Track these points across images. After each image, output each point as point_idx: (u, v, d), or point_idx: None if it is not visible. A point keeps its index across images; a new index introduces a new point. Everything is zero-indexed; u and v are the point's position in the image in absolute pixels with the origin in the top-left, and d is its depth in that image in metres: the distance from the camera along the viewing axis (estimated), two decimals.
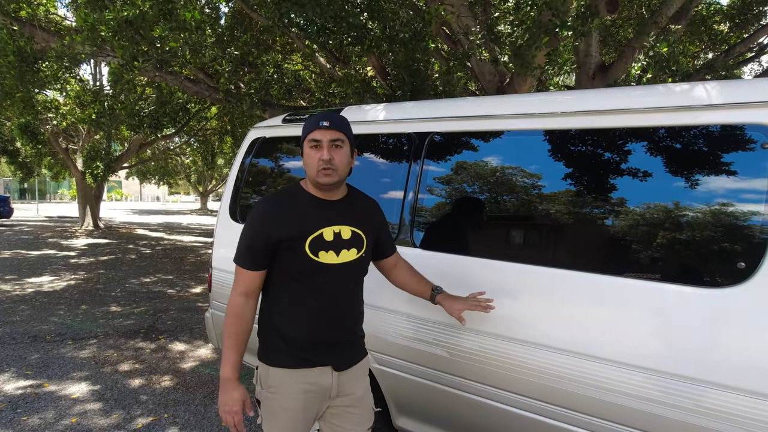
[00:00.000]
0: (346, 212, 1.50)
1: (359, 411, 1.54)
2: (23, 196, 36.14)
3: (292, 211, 1.45)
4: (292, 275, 1.45)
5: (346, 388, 1.51)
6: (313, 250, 1.42)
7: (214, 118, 12.07)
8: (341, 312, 1.49)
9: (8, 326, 4.72)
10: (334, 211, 1.48)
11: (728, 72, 5.85)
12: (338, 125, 1.43)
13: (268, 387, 1.47)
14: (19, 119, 10.38)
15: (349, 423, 1.53)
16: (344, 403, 1.52)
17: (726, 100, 1.45)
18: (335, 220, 1.47)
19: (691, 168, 1.50)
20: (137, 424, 2.88)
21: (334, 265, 1.45)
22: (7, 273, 7.46)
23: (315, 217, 1.45)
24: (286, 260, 1.43)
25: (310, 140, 1.43)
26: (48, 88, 7.13)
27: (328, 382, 1.48)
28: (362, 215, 1.54)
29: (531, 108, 1.84)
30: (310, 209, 1.46)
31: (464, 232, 2.01)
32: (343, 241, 1.47)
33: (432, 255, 1.95)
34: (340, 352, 1.50)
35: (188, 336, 4.61)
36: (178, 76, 6.04)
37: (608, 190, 1.63)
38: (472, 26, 4.74)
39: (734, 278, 1.37)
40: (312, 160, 1.42)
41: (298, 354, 1.45)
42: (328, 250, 1.44)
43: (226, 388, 1.42)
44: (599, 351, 1.53)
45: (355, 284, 1.54)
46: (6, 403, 3.09)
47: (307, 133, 1.43)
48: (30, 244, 11.07)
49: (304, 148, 1.45)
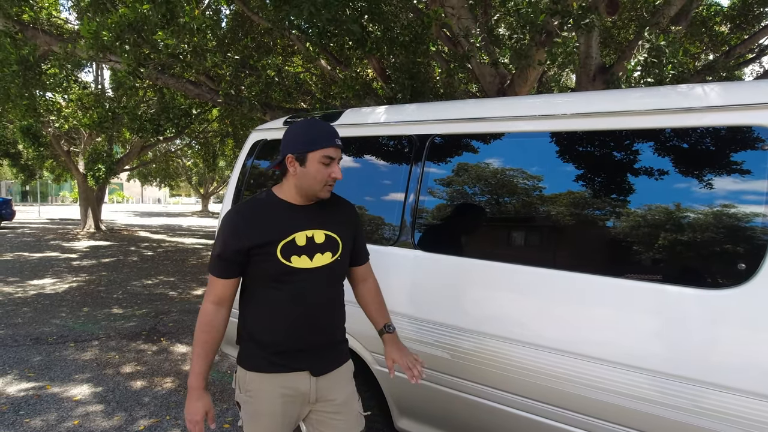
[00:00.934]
0: (319, 216, 1.49)
1: (344, 417, 1.52)
2: (25, 199, 36.23)
3: (262, 218, 1.44)
4: (265, 281, 1.44)
5: (327, 394, 1.50)
6: (284, 255, 1.41)
7: (216, 121, 12.09)
8: (316, 316, 1.47)
9: (11, 328, 4.73)
10: (306, 215, 1.47)
11: (729, 73, 5.85)
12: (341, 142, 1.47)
13: (246, 391, 1.47)
14: (21, 122, 10.42)
15: (335, 429, 1.51)
16: (326, 409, 1.50)
17: (727, 102, 1.46)
18: (308, 224, 1.46)
19: (693, 169, 1.50)
20: (139, 426, 2.88)
21: (307, 270, 1.43)
22: (10, 275, 7.48)
23: (286, 222, 1.44)
24: (258, 266, 1.43)
25: (324, 156, 1.40)
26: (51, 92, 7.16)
27: (305, 387, 1.47)
28: (338, 218, 1.53)
29: (532, 110, 1.85)
30: (282, 215, 1.45)
31: (465, 234, 2.02)
32: (317, 245, 1.45)
33: (433, 257, 1.96)
34: (317, 356, 1.49)
35: (190, 338, 4.61)
36: (179, 80, 6.06)
37: (609, 191, 1.64)
38: (473, 28, 4.75)
39: (735, 279, 1.37)
40: (321, 175, 1.41)
41: (273, 359, 1.44)
42: (301, 254, 1.43)
43: (192, 396, 1.42)
44: (600, 352, 1.53)
45: (332, 288, 1.52)
46: (8, 405, 3.10)
47: (320, 147, 1.40)
48: (32, 246, 11.10)
49: (310, 160, 1.41)
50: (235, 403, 1.59)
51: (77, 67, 5.96)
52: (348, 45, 4.64)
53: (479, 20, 4.99)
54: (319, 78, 7.85)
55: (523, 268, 1.73)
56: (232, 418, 3.02)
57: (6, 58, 5.65)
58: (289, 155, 1.43)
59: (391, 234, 2.09)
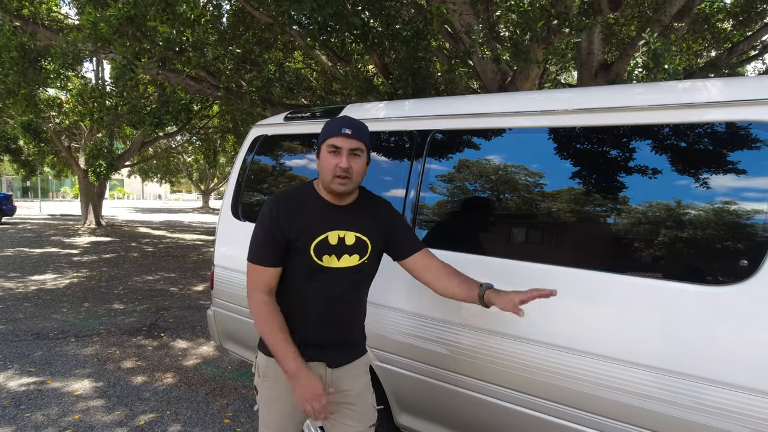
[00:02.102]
0: (353, 218, 1.50)
1: (358, 408, 1.56)
2: (26, 195, 36.26)
3: (301, 211, 1.46)
4: (293, 274, 1.47)
5: (342, 384, 1.53)
6: (317, 253, 1.44)
7: (216, 117, 12.08)
8: (336, 314, 1.49)
9: (12, 323, 4.74)
10: (341, 215, 1.48)
11: (731, 70, 5.83)
12: (359, 134, 1.42)
13: (265, 376, 1.51)
14: (22, 117, 10.41)
15: (349, 419, 1.55)
16: (341, 400, 1.54)
17: (730, 98, 1.45)
18: (341, 225, 1.47)
19: (694, 166, 1.49)
20: (140, 420, 2.89)
21: (333, 269, 1.46)
22: (11, 270, 7.49)
23: (322, 220, 1.46)
24: (291, 259, 1.45)
25: (329, 145, 1.41)
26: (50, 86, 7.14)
27: (320, 374, 1.50)
28: (370, 221, 1.53)
29: (533, 105, 1.84)
30: (319, 212, 1.47)
31: (466, 230, 2.01)
32: (346, 247, 1.47)
33: (434, 253, 1.95)
34: (334, 351, 1.52)
35: (190, 334, 4.62)
36: (180, 74, 6.05)
37: (610, 187, 1.63)
38: (474, 24, 4.73)
39: (736, 276, 1.36)
40: (329, 165, 1.41)
41: (299, 349, 1.46)
42: (331, 254, 1.45)
43: (300, 378, 1.39)
44: (600, 349, 1.53)
45: (354, 289, 1.53)
46: (10, 400, 3.11)
47: (328, 137, 1.42)
48: (33, 242, 11.11)
49: (322, 151, 1.44)
50: (253, 388, 1.63)
51: (77, 62, 5.93)
52: (349, 40, 4.63)
53: (481, 16, 4.97)
54: (320, 74, 7.83)
55: (523, 264, 1.72)
56: (232, 414, 3.03)
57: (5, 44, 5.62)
58: (316, 151, 1.49)
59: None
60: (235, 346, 2.84)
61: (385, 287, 2.05)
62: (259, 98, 5.50)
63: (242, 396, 3.29)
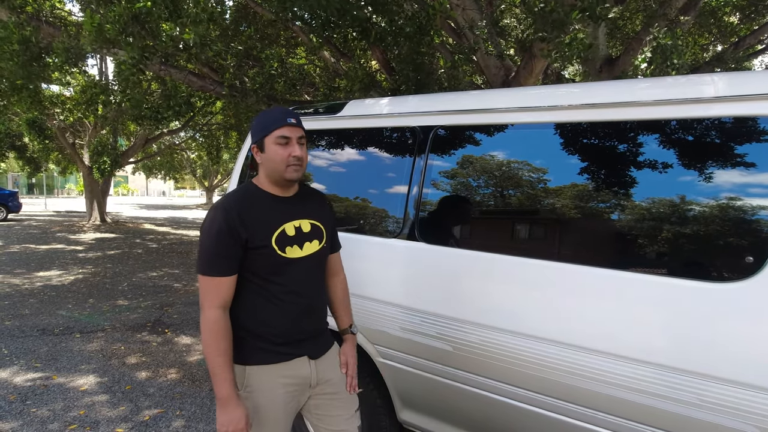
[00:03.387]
0: (302, 206, 1.53)
1: (342, 395, 1.58)
2: (31, 191, 36.46)
3: (252, 210, 1.43)
4: (259, 274, 1.43)
5: (325, 374, 1.55)
6: (280, 246, 1.43)
7: (219, 113, 12.09)
8: (311, 303, 1.51)
9: (18, 319, 4.78)
10: (290, 206, 1.50)
11: (738, 64, 5.77)
12: (300, 123, 1.47)
13: (245, 387, 1.44)
14: (27, 115, 10.45)
15: (335, 409, 1.56)
16: (324, 391, 1.55)
17: (736, 92, 1.43)
18: (294, 215, 1.49)
19: (700, 161, 1.48)
20: (144, 416, 2.91)
21: (300, 259, 1.47)
22: (16, 267, 7.54)
23: (274, 213, 1.46)
24: (253, 261, 1.41)
25: (278, 137, 1.42)
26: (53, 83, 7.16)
27: (306, 371, 1.50)
28: (318, 208, 1.58)
29: (537, 101, 1.83)
30: (269, 206, 1.46)
31: (469, 227, 2.00)
32: (305, 234, 1.49)
33: (436, 249, 1.95)
34: (313, 342, 1.54)
35: (194, 330, 4.64)
36: (183, 71, 6.04)
37: (615, 183, 1.62)
38: (478, 20, 4.70)
39: (742, 273, 1.35)
40: (280, 156, 1.42)
41: (275, 349, 1.45)
42: (293, 244, 1.46)
43: (228, 406, 1.35)
44: (604, 346, 1.52)
45: (320, 275, 1.58)
46: (16, 395, 3.13)
47: (273, 129, 1.42)
48: (38, 238, 11.18)
49: (267, 144, 1.44)
50: None
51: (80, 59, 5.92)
52: (352, 36, 4.61)
53: (484, 11, 4.93)
54: (323, 70, 7.81)
55: (527, 261, 1.71)
56: None
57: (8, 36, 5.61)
58: (253, 146, 1.48)
59: (394, 226, 2.08)
60: None
61: (387, 283, 2.05)
62: (262, 94, 5.49)
63: None
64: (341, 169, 2.36)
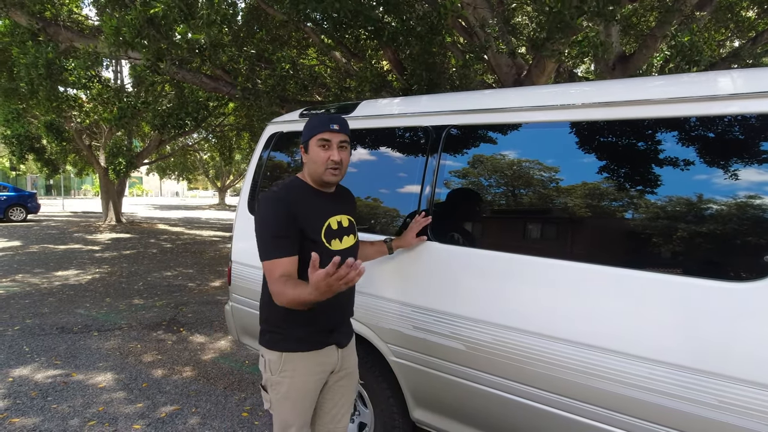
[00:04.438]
0: (341, 203, 1.66)
1: (348, 382, 1.72)
2: (49, 192, 37.21)
3: (303, 202, 1.53)
4: (302, 267, 1.48)
5: (345, 363, 1.69)
6: (327, 239, 1.55)
7: (232, 114, 12.20)
8: (346, 296, 1.65)
9: (38, 318, 4.89)
10: (332, 203, 1.62)
11: (755, 60, 5.66)
12: (345, 129, 1.57)
13: (281, 372, 1.55)
14: (45, 117, 10.68)
15: (348, 393, 1.71)
16: (340, 377, 1.68)
17: (754, 89, 1.41)
18: (336, 210, 1.61)
19: (716, 160, 1.46)
20: (161, 413, 2.96)
21: (341, 251, 1.58)
22: (36, 267, 7.71)
23: (321, 208, 1.58)
24: (303, 250, 1.49)
25: (319, 139, 1.53)
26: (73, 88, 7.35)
27: (334, 358, 1.63)
28: (350, 205, 1.74)
29: (549, 100, 1.82)
30: (316, 201, 1.57)
31: (482, 226, 2.00)
32: (344, 229, 1.62)
33: (449, 248, 1.95)
34: (340, 332, 1.65)
35: (208, 328, 4.71)
36: (196, 74, 6.12)
37: (630, 182, 1.61)
38: (489, 18, 4.68)
39: (759, 272, 1.33)
40: (320, 158, 1.53)
41: (313, 338, 1.57)
42: (335, 238, 1.58)
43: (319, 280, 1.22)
44: (619, 345, 1.51)
45: None
46: (37, 392, 3.21)
47: (317, 132, 1.53)
48: (56, 238, 11.41)
49: (311, 146, 1.55)
50: (260, 387, 1.69)
51: (98, 64, 6.06)
52: (363, 36, 4.62)
53: (495, 10, 4.91)
54: (334, 71, 7.84)
55: (540, 260, 1.71)
56: (250, 407, 3.08)
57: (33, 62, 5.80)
58: (301, 146, 1.62)
59: (406, 225, 2.09)
60: (252, 340, 2.88)
61: (399, 282, 2.06)
62: (274, 95, 5.53)
63: (260, 390, 3.34)
64: (354, 169, 2.38)
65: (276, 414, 1.61)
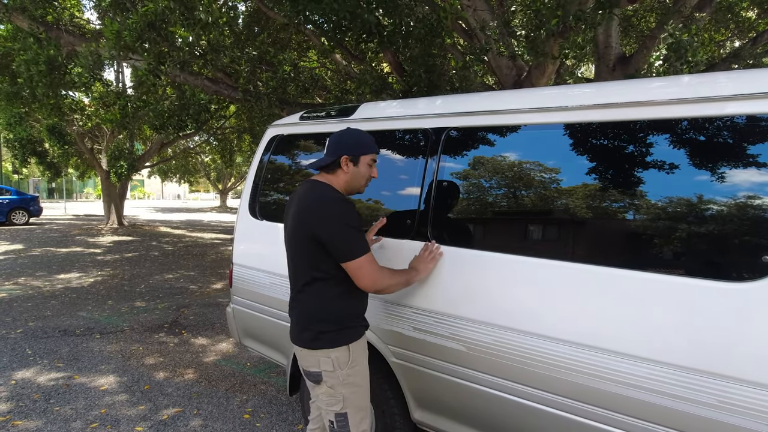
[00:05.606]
0: None
1: None
2: (51, 196, 37.32)
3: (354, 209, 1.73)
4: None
5: None
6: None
7: (233, 117, 12.23)
8: None
9: (40, 321, 4.90)
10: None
11: (756, 61, 5.66)
12: None
13: (350, 364, 1.68)
14: (47, 121, 10.72)
15: None
16: None
17: (753, 90, 1.42)
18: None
19: (715, 160, 1.46)
20: (163, 415, 2.97)
21: None
22: (38, 270, 7.74)
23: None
24: None
25: (372, 159, 1.76)
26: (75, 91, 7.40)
27: (367, 337, 1.85)
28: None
29: (549, 102, 1.83)
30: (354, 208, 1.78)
31: (481, 228, 2.01)
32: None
33: (449, 250, 1.96)
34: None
35: (210, 331, 4.71)
36: (198, 77, 6.15)
37: (629, 183, 1.61)
38: (489, 20, 4.69)
39: (759, 272, 1.34)
40: (367, 174, 1.76)
41: (362, 324, 1.78)
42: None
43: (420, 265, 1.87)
44: (622, 346, 1.51)
45: None
46: (40, 394, 3.22)
47: (371, 152, 1.76)
48: (59, 241, 11.45)
49: (362, 161, 1.73)
50: (313, 399, 1.85)
51: (99, 67, 6.10)
52: (363, 39, 4.64)
53: (495, 12, 4.92)
54: (335, 73, 7.86)
55: (539, 261, 1.71)
56: (251, 409, 3.09)
57: (34, 58, 5.84)
58: (345, 156, 1.71)
59: (406, 227, 2.10)
60: (253, 343, 2.89)
61: None
62: (275, 98, 5.56)
63: (261, 392, 3.35)
64: None
65: (352, 408, 1.69)
